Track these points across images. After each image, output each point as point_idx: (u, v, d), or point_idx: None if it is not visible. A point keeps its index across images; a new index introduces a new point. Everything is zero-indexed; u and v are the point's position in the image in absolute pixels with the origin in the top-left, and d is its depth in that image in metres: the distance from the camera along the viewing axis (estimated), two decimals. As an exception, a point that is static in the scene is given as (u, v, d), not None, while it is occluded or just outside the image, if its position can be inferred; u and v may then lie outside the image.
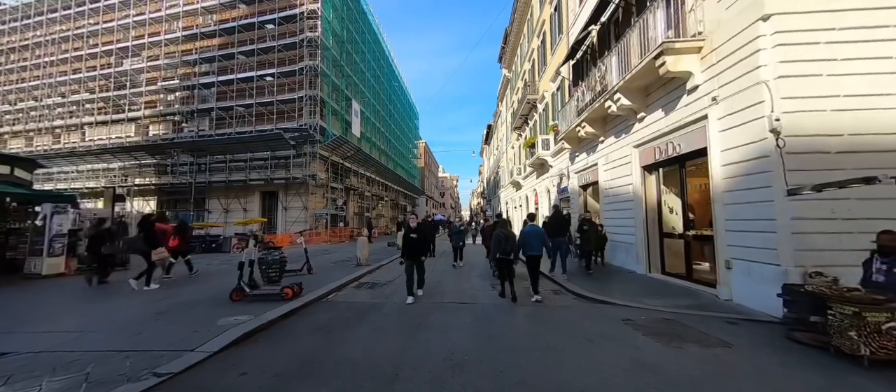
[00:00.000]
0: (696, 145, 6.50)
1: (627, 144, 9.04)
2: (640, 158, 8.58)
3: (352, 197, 29.98)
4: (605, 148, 10.56)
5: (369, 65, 32.37)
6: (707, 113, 6.10)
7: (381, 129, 36.15)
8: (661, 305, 5.62)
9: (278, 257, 6.64)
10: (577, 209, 13.22)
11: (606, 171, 10.51)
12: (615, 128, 9.82)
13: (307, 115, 21.88)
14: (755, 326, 4.69)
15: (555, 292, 7.09)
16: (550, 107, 17.58)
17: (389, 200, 40.66)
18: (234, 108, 23.49)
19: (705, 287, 6.51)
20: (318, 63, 22.11)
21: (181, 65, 25.15)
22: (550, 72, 17.02)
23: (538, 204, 21.21)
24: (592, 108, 9.81)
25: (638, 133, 8.59)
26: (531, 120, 22.45)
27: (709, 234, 6.65)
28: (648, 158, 8.21)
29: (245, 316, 4.83)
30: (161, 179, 24.94)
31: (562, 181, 16.03)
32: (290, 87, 22.96)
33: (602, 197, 10.85)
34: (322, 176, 23.18)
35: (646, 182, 8.53)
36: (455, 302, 6.20)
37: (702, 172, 6.83)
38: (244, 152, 22.88)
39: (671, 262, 7.97)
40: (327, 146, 22.85)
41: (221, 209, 24.01)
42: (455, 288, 7.52)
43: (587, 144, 12.00)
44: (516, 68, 28.52)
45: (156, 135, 26.07)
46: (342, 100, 26.47)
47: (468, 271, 9.81)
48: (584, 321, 5.04)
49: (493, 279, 8.25)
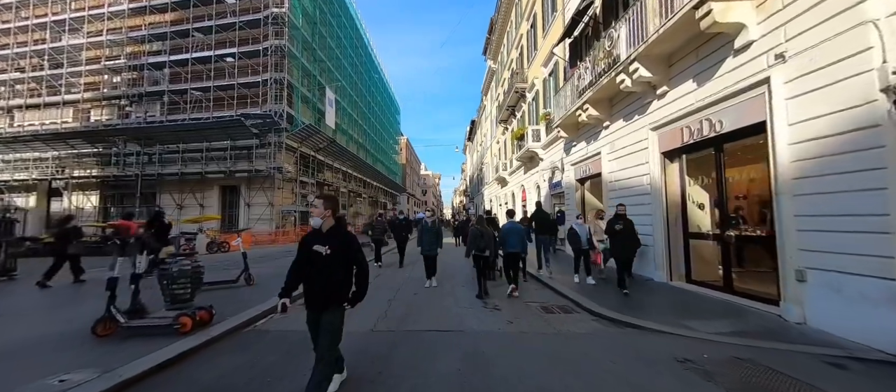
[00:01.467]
0: (748, 120, 5.03)
1: (643, 127, 7.57)
2: (659, 143, 7.11)
3: (327, 193, 27.77)
4: (611, 134, 9.09)
5: (346, 52, 30.13)
6: (768, 75, 4.62)
7: (358, 122, 33.95)
8: (716, 333, 4.09)
9: (190, 268, 4.74)
10: (574, 205, 11.76)
11: (613, 160, 9.04)
12: (625, 108, 8.34)
13: (272, 100, 19.59)
14: (874, 370, 3.21)
15: (564, 309, 5.48)
16: (541, 94, 16.12)
17: (368, 197, 38.50)
18: (188, 91, 20.88)
19: (756, 303, 5.06)
20: (284, 42, 19.85)
21: (128, 42, 22.25)
22: (542, 55, 15.54)
23: (526, 200, 19.79)
24: (599, 85, 8.29)
25: (657, 112, 7.12)
26: (519, 111, 20.99)
27: (761, 235, 5.22)
28: (671, 142, 6.74)
29: (85, 373, 2.94)
30: (104, 171, 22.01)
31: (554, 175, 14.58)
32: (253, 69, 20.59)
33: (606, 191, 9.39)
34: (290, 169, 20.95)
35: (666, 171, 7.07)
36: (435, 330, 4.48)
37: (753, 156, 5.39)
38: (200, 141, 20.34)
39: (699, 269, 6.53)
40: (296, 136, 20.63)
41: (175, 205, 21.37)
42: (435, 306, 5.79)
43: (587, 131, 10.52)
44: (502, 59, 27.06)
45: (98, 121, 23.05)
46: (314, 87, 24.23)
47: (449, 283, 8.10)
48: (620, 361, 3.43)
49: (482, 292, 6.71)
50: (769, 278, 5.16)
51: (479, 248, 6.18)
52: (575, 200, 11.76)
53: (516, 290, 6.31)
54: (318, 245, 2.60)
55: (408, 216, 11.87)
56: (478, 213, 37.90)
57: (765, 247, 5.14)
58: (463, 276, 8.33)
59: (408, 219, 10.25)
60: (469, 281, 7.61)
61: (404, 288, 7.04)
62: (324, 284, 2.59)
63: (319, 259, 2.59)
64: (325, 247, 2.58)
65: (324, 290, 2.60)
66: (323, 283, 2.60)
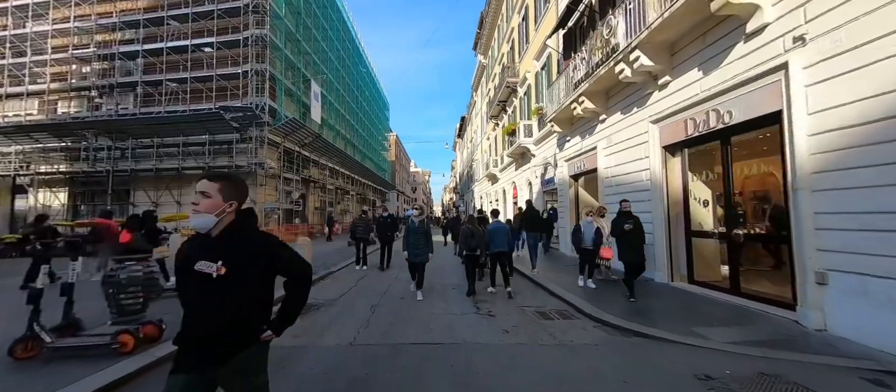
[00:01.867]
0: (761, 109, 4.66)
1: (642, 120, 7.20)
2: (660, 136, 6.74)
3: (312, 190, 26.94)
4: (608, 128, 8.73)
5: (333, 45, 29.21)
6: (785, 60, 4.25)
7: (346, 117, 33.08)
8: (732, 343, 3.72)
9: (141, 274, 4.13)
10: (568, 203, 11.41)
11: (609, 155, 8.68)
12: (624, 101, 7.97)
13: (253, 92, 18.69)
14: (916, 387, 2.86)
15: (562, 315, 5.06)
16: (534, 88, 15.73)
17: (356, 195, 37.69)
18: (163, 83, 19.77)
19: (768, 307, 4.72)
20: (266, 32, 18.93)
21: (98, 29, 20.94)
22: (534, 48, 15.13)
23: (517, 197, 19.45)
24: (595, 76, 7.90)
25: (658, 104, 6.75)
26: (510, 106, 20.60)
27: (773, 234, 4.89)
28: (674, 135, 6.37)
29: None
30: (73, 167, 20.73)
31: (546, 171, 14.23)
32: (233, 60, 19.60)
33: (602, 187, 9.03)
34: (273, 165, 20.08)
35: (667, 166, 6.71)
36: (424, 343, 3.98)
37: (765, 148, 5.05)
38: (176, 135, 19.29)
39: (702, 269, 6.20)
40: (279, 130, 19.77)
41: (150, 202, 20.27)
42: (423, 313, 5.30)
43: (582, 125, 10.15)
44: (493, 53, 26.62)
45: (66, 113, 21.70)
46: (299, 80, 23.32)
47: (440, 285, 7.62)
48: (635, 380, 3.01)
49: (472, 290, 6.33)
50: (781, 280, 4.84)
51: (471, 248, 6.21)
52: (569, 197, 11.40)
53: (508, 289, 6.23)
54: (204, 262, 1.51)
55: (393, 214, 11.45)
56: (467, 210, 37.50)
57: (777, 247, 4.81)
58: (455, 277, 7.86)
59: (393, 217, 9.39)
60: (460, 282, 7.15)
61: (390, 292, 6.53)
62: (217, 323, 1.52)
63: (206, 285, 1.51)
64: (214, 264, 1.50)
65: (219, 331, 1.52)
66: (215, 322, 1.52)
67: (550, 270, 8.43)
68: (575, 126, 10.69)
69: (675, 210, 6.56)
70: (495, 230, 6.39)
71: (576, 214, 11.17)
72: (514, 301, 5.89)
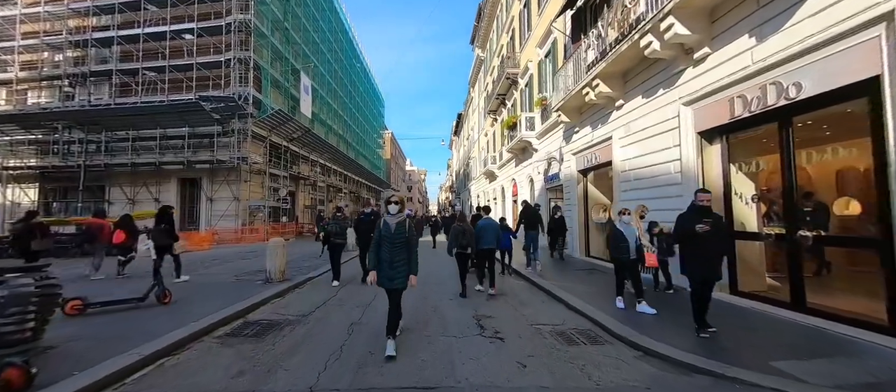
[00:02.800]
0: (845, 78, 3.65)
1: (670, 103, 6.19)
2: (695, 121, 5.73)
3: (303, 187, 25.77)
4: (625, 115, 7.72)
5: (324, 36, 27.98)
6: (890, 8, 3.25)
7: (339, 112, 31.85)
8: (837, 388, 2.69)
9: (32, 289, 3.04)
10: (576, 200, 10.39)
11: (627, 146, 7.67)
12: (646, 82, 6.95)
13: (236, 82, 17.47)
14: None
15: (589, 337, 4.00)
16: (536, 78, 14.71)
17: (349, 192, 36.50)
18: (140, 71, 18.48)
19: (853, 330, 3.70)
20: (250, 17, 17.72)
21: (70, 15, 19.60)
22: (538, 35, 14.11)
23: (517, 195, 18.44)
24: (615, 53, 6.87)
25: (692, 83, 5.74)
26: (510, 99, 19.58)
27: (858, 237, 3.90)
28: (713, 118, 5.36)
29: None
30: (44, 161, 19.40)
31: (550, 167, 13.22)
32: (215, 48, 18.34)
33: (617, 182, 8.02)
34: (258, 159, 18.89)
35: (703, 155, 5.70)
36: (412, 387, 2.91)
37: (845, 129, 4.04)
38: (153, 127, 18.03)
39: (747, 279, 5.20)
40: (264, 123, 18.59)
41: (126, 199, 19.03)
42: (413, 338, 4.23)
43: (594, 114, 9.13)
44: (491, 46, 25.60)
45: (36, 103, 20.31)
46: (287, 71, 22.10)
47: (434, 297, 6.58)
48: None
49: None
50: (864, 294, 3.84)
51: (462, 246, 6.05)
52: (577, 194, 10.38)
53: (494, 289, 6.13)
54: None
55: (376, 211, 9.23)
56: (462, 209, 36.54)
57: (865, 252, 3.81)
58: (452, 285, 6.79)
59: (377, 214, 7.46)
60: (459, 293, 6.10)
61: (371, 309, 5.41)
62: None
63: None
64: None
65: None
66: None
67: (561, 276, 7.41)
68: (585, 115, 9.68)
69: (713, 206, 5.55)
70: (484, 227, 6.31)
71: (585, 213, 10.18)
72: (525, 316, 4.86)
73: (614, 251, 4.92)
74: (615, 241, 4.89)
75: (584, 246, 10.04)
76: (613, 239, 4.91)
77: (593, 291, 5.90)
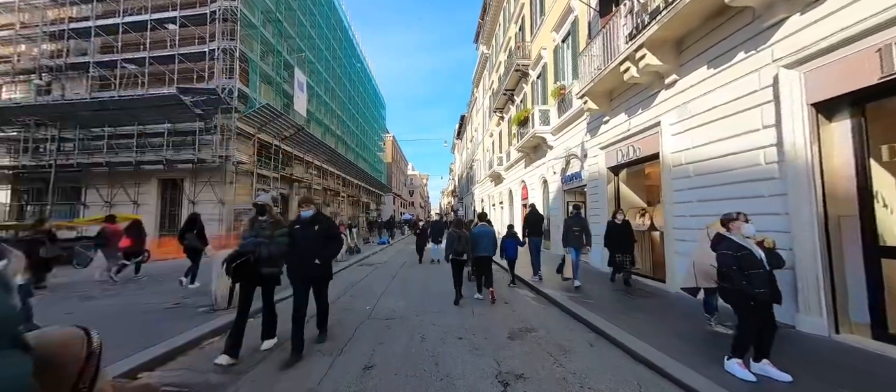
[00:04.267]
0: None
1: (759, 68, 4.54)
2: (806, 88, 4.06)
3: (297, 190, 24.18)
4: (681, 93, 6.06)
5: (321, 31, 26.59)
6: None
7: (337, 112, 30.39)
8: None
9: None
10: (605, 202, 8.70)
11: (682, 133, 6.00)
12: (715, 45, 5.29)
13: (220, 74, 16.00)
14: None
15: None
16: (551, 67, 13.11)
17: (348, 196, 34.89)
18: (119, 63, 17.05)
19: None
20: (236, 4, 16.29)
21: (48, 4, 18.30)
22: (553, 18, 12.54)
23: (527, 199, 16.75)
24: (675, 8, 5.23)
25: (802, 34, 4.07)
26: (519, 94, 17.99)
27: None
28: (845, 80, 3.69)
29: None
30: (16, 161, 17.96)
31: (569, 165, 11.56)
32: (200, 39, 16.95)
33: (669, 179, 6.34)
34: (244, 159, 17.34)
35: (821, 138, 4.02)
36: None
37: None
38: (130, 123, 16.58)
39: (901, 316, 3.51)
40: (251, 118, 17.05)
41: (103, 202, 17.51)
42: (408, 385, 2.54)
43: (632, 97, 7.49)
44: (497, 40, 24.10)
45: (11, 99, 18.95)
46: (280, 66, 20.65)
47: (434, 332, 4.91)
48: None
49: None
50: None
51: (457, 252, 6.08)
52: (606, 195, 8.70)
53: (493, 294, 5.99)
54: None
55: (319, 212, 4.10)
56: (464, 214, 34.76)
57: None
58: (453, 319, 5.12)
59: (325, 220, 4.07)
60: (467, 324, 4.43)
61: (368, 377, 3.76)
62: None
63: None
64: None
65: None
66: None
67: (603, 301, 5.71)
68: (619, 100, 8.03)
69: (838, 211, 3.87)
70: (480, 234, 6.26)
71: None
72: (575, 377, 3.19)
73: (738, 283, 2.95)
74: (739, 265, 2.96)
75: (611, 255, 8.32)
76: (734, 263, 2.99)
77: (665, 329, 4.21)
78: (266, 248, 3.62)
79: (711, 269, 4.09)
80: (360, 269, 10.34)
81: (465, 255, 6.10)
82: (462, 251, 6.06)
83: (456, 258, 6.08)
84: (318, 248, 3.76)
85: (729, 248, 3.02)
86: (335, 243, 4.08)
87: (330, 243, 3.94)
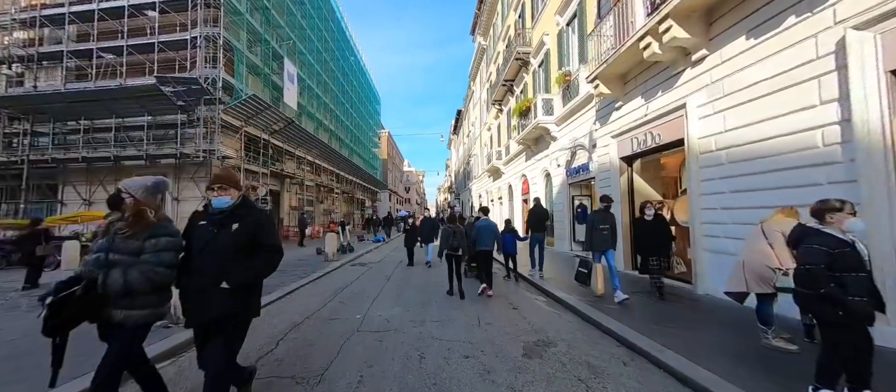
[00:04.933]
0: None
1: (816, 33, 3.84)
2: (884, 54, 3.37)
3: (288, 186, 23.30)
4: (710, 70, 5.36)
5: (313, 22, 25.60)
6: None
7: (330, 107, 29.45)
8: None
9: None
10: (619, 195, 8.01)
11: (713, 114, 5.30)
12: (757, 12, 4.59)
13: (203, 63, 15.07)
14: None
15: None
16: (555, 53, 12.38)
17: (342, 193, 34.02)
18: (94, 52, 16.05)
19: None
20: (220, -12, 15.35)
21: (18, -10, 17.19)
22: (557, 1, 11.78)
23: (528, 193, 16.08)
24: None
25: (875, -12, 3.39)
26: (519, 84, 17.25)
27: None
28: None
29: None
30: (-11, 156, 16.92)
31: (575, 157, 10.87)
32: (182, 25, 15.98)
33: (696, 168, 5.65)
34: (230, 153, 16.45)
35: (899, 112, 3.35)
36: None
37: None
38: (108, 116, 15.62)
39: None
40: (237, 111, 16.15)
41: (82, 200, 16.56)
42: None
43: (649, 79, 6.79)
44: (495, 30, 23.31)
45: (-20, 91, 17.83)
46: (269, 57, 19.71)
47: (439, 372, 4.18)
48: None
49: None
50: None
51: (452, 248, 6.07)
52: (619, 188, 8.01)
53: (489, 290, 6.02)
54: None
55: (248, 200, 2.43)
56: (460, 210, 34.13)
57: None
58: (461, 331, 4.40)
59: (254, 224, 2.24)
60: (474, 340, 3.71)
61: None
62: None
63: None
64: None
65: None
66: None
67: (640, 311, 5.02)
68: (635, 82, 7.32)
69: None
70: (482, 228, 6.31)
71: (630, 213, 7.81)
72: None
73: (825, 286, 2.23)
74: (841, 264, 2.25)
75: (631, 257, 7.66)
76: (825, 260, 2.25)
77: (711, 343, 3.52)
78: (119, 274, 1.95)
79: (767, 270, 3.44)
80: (353, 269, 9.59)
81: (461, 250, 6.05)
82: (457, 246, 6.03)
83: (451, 253, 6.07)
84: (228, 263, 2.10)
85: (824, 244, 2.30)
86: (266, 258, 2.23)
87: (258, 256, 2.21)
